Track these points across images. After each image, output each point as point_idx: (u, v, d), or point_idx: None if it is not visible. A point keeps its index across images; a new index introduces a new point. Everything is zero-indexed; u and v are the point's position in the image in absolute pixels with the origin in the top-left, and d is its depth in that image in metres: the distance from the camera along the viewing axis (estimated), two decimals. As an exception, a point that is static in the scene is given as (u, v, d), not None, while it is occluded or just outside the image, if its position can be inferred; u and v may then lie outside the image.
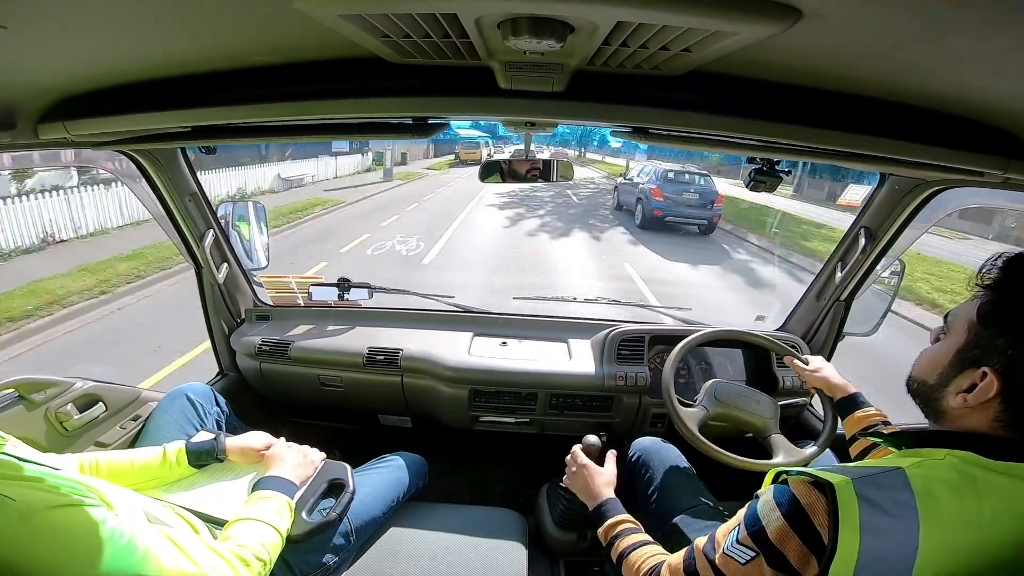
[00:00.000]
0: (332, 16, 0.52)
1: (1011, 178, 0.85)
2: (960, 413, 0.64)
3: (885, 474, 0.61)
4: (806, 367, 1.33)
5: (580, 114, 0.81)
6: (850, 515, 0.59)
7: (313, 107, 0.81)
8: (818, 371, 1.30)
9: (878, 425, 1.12)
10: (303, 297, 1.96)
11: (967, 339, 0.65)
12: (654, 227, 10.35)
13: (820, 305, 1.76)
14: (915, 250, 6.10)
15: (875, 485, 0.60)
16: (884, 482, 0.60)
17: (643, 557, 0.91)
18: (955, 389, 0.64)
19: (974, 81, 0.63)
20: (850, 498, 0.59)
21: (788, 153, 1.01)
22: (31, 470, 0.73)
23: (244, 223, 1.81)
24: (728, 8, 0.46)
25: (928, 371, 0.70)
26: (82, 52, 0.69)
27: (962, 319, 0.67)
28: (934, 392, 0.68)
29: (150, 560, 0.73)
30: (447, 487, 1.86)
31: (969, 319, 0.65)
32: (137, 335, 4.85)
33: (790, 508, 0.64)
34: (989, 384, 0.60)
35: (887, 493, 0.59)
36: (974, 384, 0.62)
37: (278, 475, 1.11)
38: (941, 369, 0.67)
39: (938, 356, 0.69)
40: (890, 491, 0.59)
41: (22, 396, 1.22)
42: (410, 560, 1.19)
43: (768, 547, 0.66)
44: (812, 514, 0.62)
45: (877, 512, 0.58)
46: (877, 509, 0.58)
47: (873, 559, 0.57)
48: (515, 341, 1.85)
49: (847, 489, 0.60)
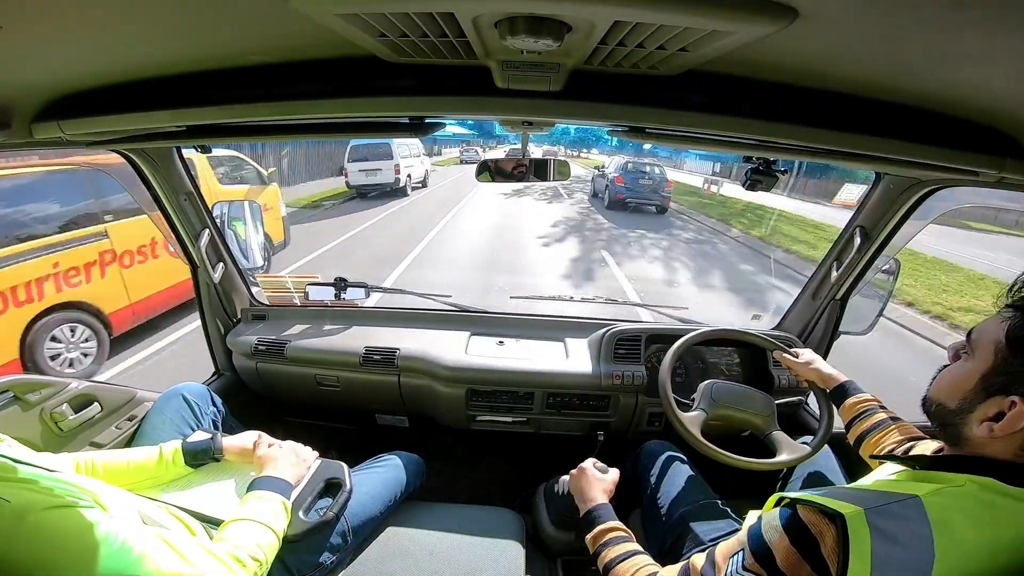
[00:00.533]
0: (329, 15, 0.52)
1: (1006, 178, 0.85)
2: (984, 441, 0.60)
3: (900, 503, 0.58)
4: (797, 360, 1.33)
5: (577, 113, 0.81)
6: (861, 547, 0.55)
7: (309, 106, 0.81)
8: (809, 363, 1.30)
9: (874, 410, 1.12)
10: (299, 296, 1.96)
11: (994, 364, 0.60)
12: (618, 208, 12.41)
13: (816, 304, 1.76)
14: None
15: (889, 515, 0.57)
16: (899, 512, 0.57)
17: (633, 568, 0.86)
18: (980, 416, 0.60)
19: (969, 81, 0.63)
20: (862, 529, 0.56)
21: (784, 152, 1.01)
22: (25, 472, 0.72)
23: (240, 222, 1.80)
24: (725, 8, 0.46)
25: (948, 395, 0.65)
26: (77, 51, 0.69)
27: (988, 340, 0.62)
28: (955, 417, 0.64)
29: (145, 562, 0.73)
30: (444, 486, 1.86)
31: (997, 341, 0.60)
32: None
33: (799, 535, 0.62)
34: (1019, 414, 0.56)
35: (902, 524, 0.56)
36: (1001, 412, 0.58)
37: (273, 475, 1.10)
38: (964, 394, 0.63)
39: (960, 379, 0.64)
40: (905, 522, 0.56)
41: (17, 396, 1.22)
42: (407, 560, 1.18)
43: (764, 553, 0.65)
44: (822, 543, 0.60)
45: (890, 545, 0.55)
46: (890, 542, 0.55)
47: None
48: (512, 340, 1.85)
49: (859, 520, 0.57)
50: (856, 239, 1.53)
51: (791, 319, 1.87)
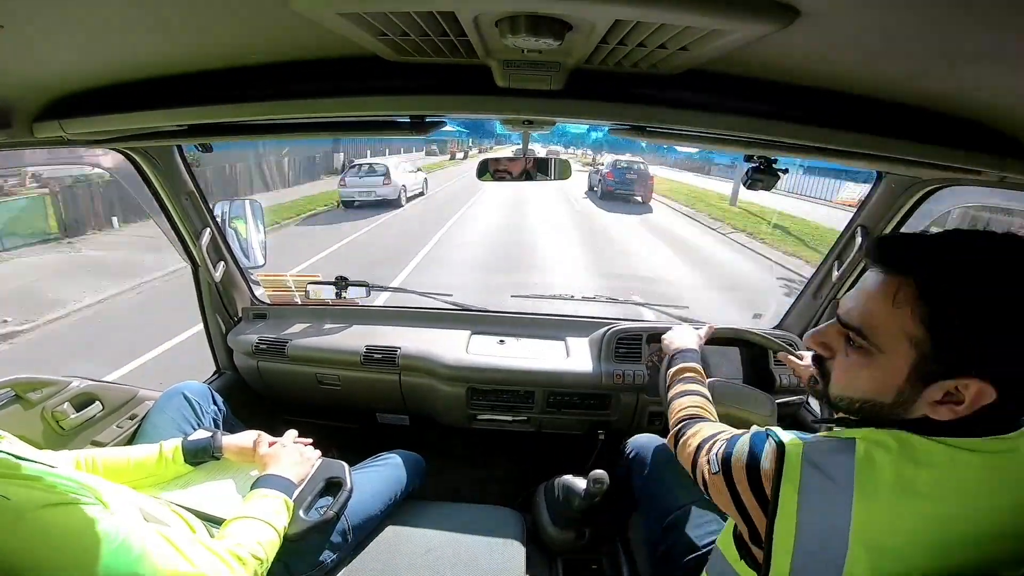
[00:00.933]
0: (330, 14, 0.52)
1: (1007, 177, 0.85)
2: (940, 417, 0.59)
3: (836, 441, 0.62)
4: (800, 362, 1.33)
5: (578, 112, 0.81)
6: (792, 473, 0.61)
7: (310, 105, 0.81)
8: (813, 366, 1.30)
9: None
10: (300, 295, 1.96)
11: (920, 354, 0.57)
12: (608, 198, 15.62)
13: (817, 303, 1.76)
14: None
15: (824, 450, 0.61)
16: (833, 447, 0.61)
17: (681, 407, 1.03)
18: (928, 400, 0.58)
19: (971, 80, 0.63)
20: (796, 458, 0.61)
21: (785, 151, 1.01)
22: (28, 468, 0.72)
23: (241, 221, 1.80)
24: (726, 7, 0.46)
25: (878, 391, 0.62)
26: (78, 51, 0.69)
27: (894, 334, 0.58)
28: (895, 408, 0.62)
29: (145, 559, 0.73)
30: (445, 485, 1.86)
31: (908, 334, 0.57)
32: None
33: (752, 458, 0.68)
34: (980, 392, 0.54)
35: (832, 457, 0.60)
36: (949, 393, 0.56)
37: (276, 474, 1.10)
38: (898, 387, 0.60)
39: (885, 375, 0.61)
40: (835, 456, 0.60)
41: (18, 395, 1.22)
42: (408, 558, 1.19)
43: (727, 472, 0.72)
44: (763, 472, 0.65)
45: (818, 474, 0.59)
46: (819, 472, 0.60)
47: (811, 520, 0.59)
48: (513, 339, 1.85)
49: (795, 451, 0.62)
50: (857, 238, 1.53)
51: (792, 318, 1.87)
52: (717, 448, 0.79)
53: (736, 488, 0.70)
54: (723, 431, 0.87)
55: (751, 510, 0.68)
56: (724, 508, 0.77)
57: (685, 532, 1.15)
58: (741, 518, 0.71)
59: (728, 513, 0.77)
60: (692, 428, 0.94)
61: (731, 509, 0.73)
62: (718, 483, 0.74)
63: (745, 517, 0.70)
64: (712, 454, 0.79)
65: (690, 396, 1.06)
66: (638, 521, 1.36)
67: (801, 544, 0.59)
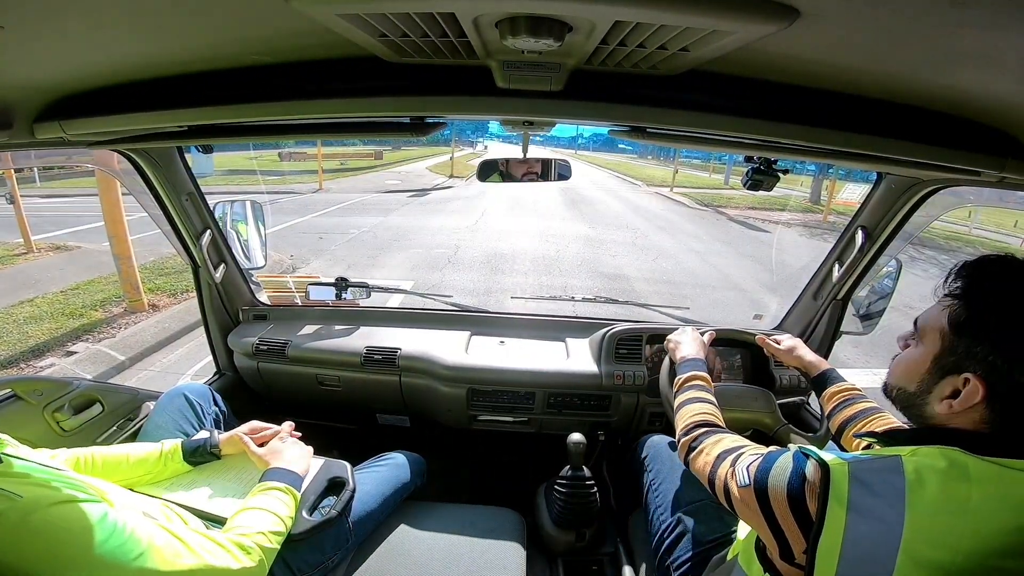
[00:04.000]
0: (330, 15, 0.52)
1: (1007, 177, 0.85)
2: (946, 418, 0.65)
3: (882, 459, 0.63)
4: (779, 346, 1.33)
5: (578, 113, 0.81)
6: (839, 491, 0.61)
7: (310, 106, 0.81)
8: (792, 350, 1.31)
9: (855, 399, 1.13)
10: (301, 296, 1.96)
11: (943, 347, 0.66)
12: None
13: (817, 304, 1.76)
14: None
15: (871, 469, 0.62)
16: (879, 466, 0.62)
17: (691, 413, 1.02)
18: (939, 395, 0.66)
19: (971, 81, 0.63)
20: (842, 476, 0.62)
21: (786, 152, 1.01)
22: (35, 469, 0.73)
23: (242, 222, 1.81)
24: (726, 7, 0.46)
25: (906, 379, 0.71)
26: (78, 51, 0.69)
27: (933, 327, 0.68)
28: (916, 399, 0.69)
29: (152, 552, 0.74)
30: (445, 486, 1.86)
31: (941, 328, 0.66)
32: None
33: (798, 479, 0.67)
34: (974, 390, 0.61)
35: (880, 476, 0.61)
36: (957, 390, 0.63)
37: (283, 467, 1.11)
38: (920, 377, 0.68)
39: (914, 364, 0.70)
40: (883, 474, 0.61)
41: (19, 396, 1.22)
42: (408, 559, 1.19)
43: (762, 491, 0.70)
44: (808, 493, 0.65)
45: (867, 492, 0.60)
46: (867, 490, 0.60)
47: (859, 537, 0.59)
48: (513, 340, 1.85)
49: (841, 469, 0.63)
50: (858, 239, 1.52)
51: (792, 319, 1.87)
52: (747, 461, 0.77)
53: (771, 505, 0.69)
54: (747, 445, 0.86)
55: (787, 528, 0.68)
56: (748, 522, 0.76)
57: (690, 529, 1.15)
58: (772, 534, 0.70)
59: (753, 527, 0.76)
60: (710, 438, 0.93)
61: (760, 524, 0.72)
62: (747, 497, 0.73)
63: (777, 534, 0.69)
64: (739, 467, 0.77)
65: (700, 403, 1.05)
66: (640, 519, 1.36)
67: (846, 560, 0.59)
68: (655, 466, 1.35)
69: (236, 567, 0.83)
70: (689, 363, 1.21)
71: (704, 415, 1.01)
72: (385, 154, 25.62)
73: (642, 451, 1.43)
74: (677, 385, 1.16)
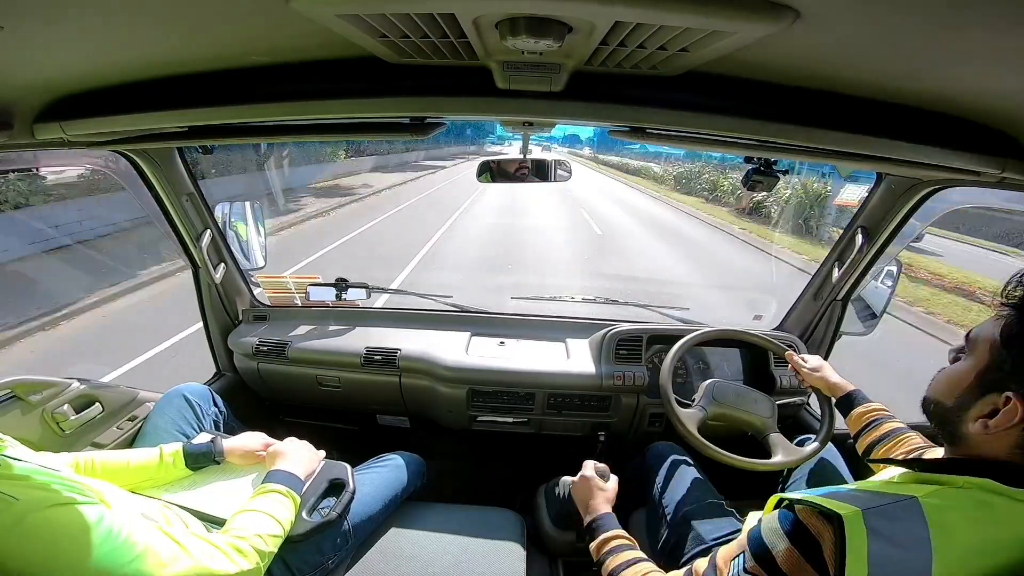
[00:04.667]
0: (330, 16, 0.52)
1: (1007, 178, 0.85)
2: (980, 439, 0.61)
3: (897, 504, 0.59)
4: (804, 365, 1.33)
5: (578, 114, 0.81)
6: (858, 548, 0.56)
7: (310, 107, 0.81)
8: (817, 370, 1.30)
9: (882, 420, 1.11)
10: (300, 297, 1.96)
11: (989, 361, 0.61)
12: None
13: (817, 304, 1.76)
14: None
15: (886, 516, 0.58)
16: (896, 513, 0.58)
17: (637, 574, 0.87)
18: (976, 414, 0.61)
19: (971, 81, 0.63)
20: (859, 530, 0.57)
21: (785, 153, 1.01)
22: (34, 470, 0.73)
23: (241, 223, 1.81)
24: (726, 8, 0.46)
25: (946, 393, 0.66)
26: (78, 52, 0.69)
27: (985, 339, 0.62)
28: (953, 415, 0.64)
29: (148, 556, 0.74)
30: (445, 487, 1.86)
31: (992, 340, 0.61)
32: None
33: (799, 537, 0.62)
34: (1013, 410, 0.56)
35: (899, 525, 0.56)
36: (996, 409, 0.59)
37: (285, 469, 1.11)
38: (960, 392, 0.64)
39: (957, 378, 0.65)
40: (902, 523, 0.56)
41: (18, 397, 1.22)
42: (408, 560, 1.18)
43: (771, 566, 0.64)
44: (821, 543, 0.60)
45: (887, 545, 0.55)
46: (887, 542, 0.56)
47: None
48: (513, 341, 1.85)
49: (856, 521, 0.57)
50: (858, 239, 1.53)
51: (793, 319, 1.87)
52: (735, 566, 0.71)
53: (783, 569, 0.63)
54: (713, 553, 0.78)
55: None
56: None
57: (694, 527, 1.15)
58: None
59: None
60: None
61: None
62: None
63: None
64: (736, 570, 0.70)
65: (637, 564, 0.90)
66: (640, 518, 1.36)
67: None
68: (661, 472, 1.36)
69: (233, 571, 0.82)
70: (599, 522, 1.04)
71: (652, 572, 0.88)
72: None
73: (651, 459, 1.43)
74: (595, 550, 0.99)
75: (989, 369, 0.61)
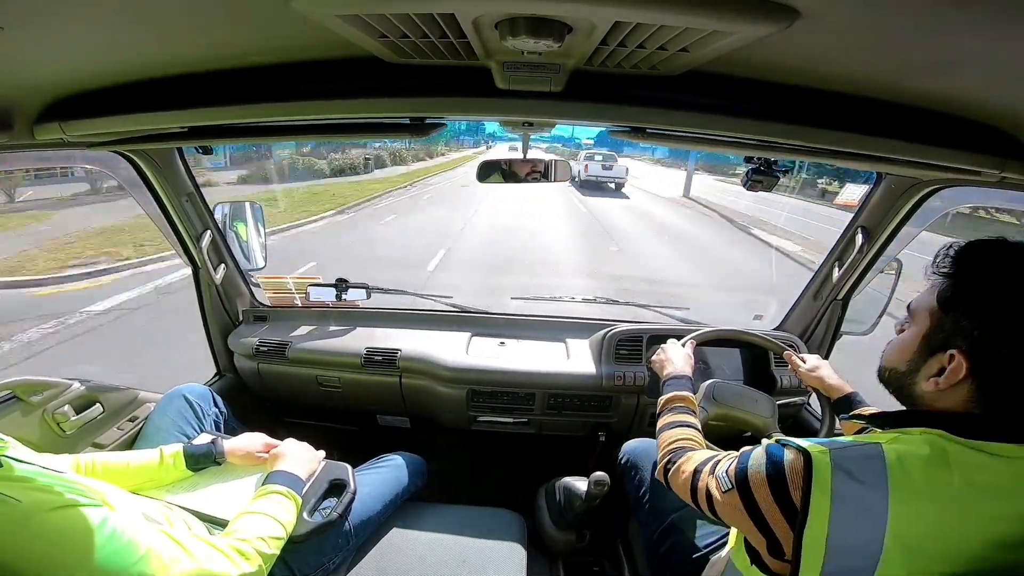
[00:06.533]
0: (330, 16, 0.52)
1: (1007, 177, 0.85)
2: (933, 396, 0.66)
3: (862, 447, 0.64)
4: (803, 365, 1.33)
5: (578, 114, 0.81)
6: (823, 481, 0.61)
7: (310, 107, 0.81)
8: (815, 370, 1.30)
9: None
10: (301, 297, 1.96)
11: (931, 325, 0.67)
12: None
13: (817, 304, 1.76)
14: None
15: (850, 456, 0.63)
16: (859, 455, 0.63)
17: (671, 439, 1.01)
18: (926, 374, 0.66)
19: (971, 81, 0.63)
20: (825, 465, 0.62)
21: (785, 152, 1.01)
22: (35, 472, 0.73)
23: (241, 223, 1.81)
24: (726, 8, 0.46)
25: (897, 359, 0.72)
26: (78, 52, 0.69)
27: (923, 307, 0.69)
28: (906, 379, 0.70)
29: (151, 558, 0.74)
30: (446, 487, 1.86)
31: (930, 306, 0.67)
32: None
33: (775, 469, 0.68)
34: (958, 365, 0.61)
35: (861, 463, 0.62)
36: (943, 367, 0.64)
37: (286, 470, 1.11)
38: (910, 356, 0.69)
39: (905, 344, 0.71)
40: (864, 461, 0.62)
41: (19, 398, 1.22)
42: (408, 560, 1.18)
43: (744, 487, 0.72)
44: (788, 473, 0.66)
45: (850, 481, 0.61)
46: (850, 478, 0.61)
47: (844, 526, 0.60)
48: (513, 341, 1.85)
49: (823, 458, 0.63)
50: (858, 239, 1.52)
51: (793, 319, 1.87)
52: (725, 466, 0.78)
53: (756, 502, 0.70)
54: (719, 453, 0.87)
55: (773, 523, 0.68)
56: (737, 525, 0.76)
57: (684, 534, 1.14)
58: (760, 532, 0.70)
59: (742, 530, 0.76)
60: (683, 456, 0.94)
61: (747, 525, 0.72)
62: (732, 500, 0.74)
63: (765, 530, 0.70)
64: (720, 472, 0.79)
65: (680, 428, 1.04)
66: (636, 524, 1.35)
67: (833, 550, 0.60)
68: (638, 471, 1.34)
69: (235, 573, 0.82)
70: (674, 381, 1.20)
71: (683, 439, 1.00)
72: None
73: (623, 457, 1.42)
74: (660, 404, 1.15)
75: (932, 332, 0.67)
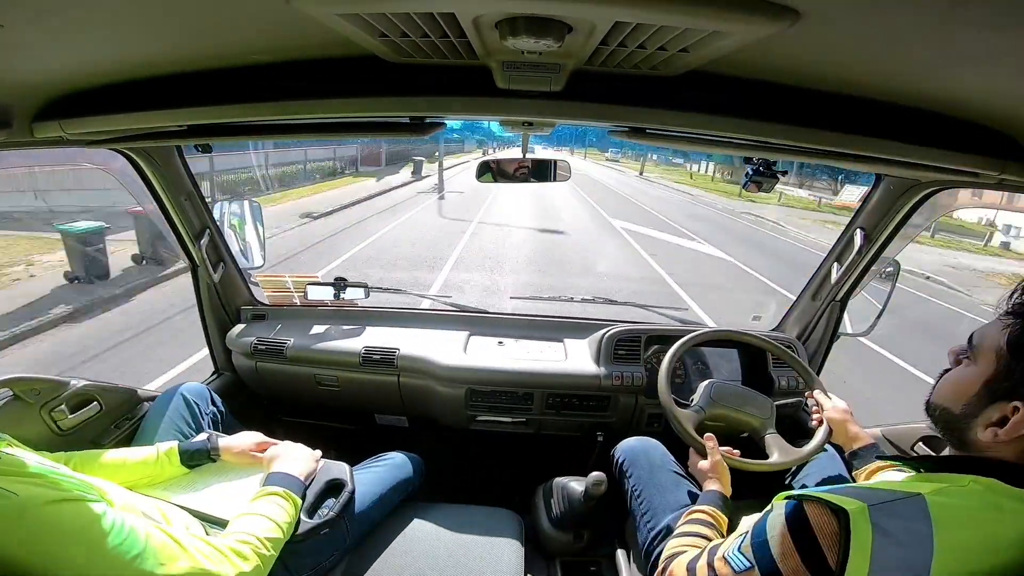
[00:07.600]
0: (330, 15, 0.52)
1: (1006, 179, 0.85)
2: (989, 445, 0.61)
3: (903, 502, 0.59)
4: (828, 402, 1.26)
5: (578, 114, 0.81)
6: (862, 543, 0.57)
7: (310, 106, 0.81)
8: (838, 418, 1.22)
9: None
10: (299, 296, 1.96)
11: (996, 370, 0.61)
12: None
13: (816, 305, 1.76)
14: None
15: (891, 513, 0.58)
16: (901, 510, 0.58)
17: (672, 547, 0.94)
18: (984, 421, 0.61)
19: (970, 83, 0.63)
20: (864, 526, 0.57)
21: (785, 153, 1.01)
22: (33, 467, 0.73)
23: (240, 222, 1.80)
24: (726, 9, 0.46)
25: (952, 400, 0.66)
26: (78, 50, 0.69)
27: (990, 347, 0.62)
28: (959, 422, 0.65)
29: (149, 553, 0.74)
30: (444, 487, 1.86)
31: (998, 348, 0.61)
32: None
33: (797, 526, 0.63)
34: (1022, 419, 0.57)
35: (903, 523, 0.57)
36: (1005, 417, 0.59)
37: (284, 471, 1.11)
38: (968, 399, 0.64)
39: (964, 384, 0.65)
40: (906, 520, 0.57)
41: (16, 395, 1.21)
42: (406, 559, 1.18)
43: (767, 560, 0.66)
44: (819, 535, 0.61)
45: (890, 542, 0.56)
46: (890, 539, 0.56)
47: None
48: (512, 341, 1.85)
49: (862, 516, 0.58)
50: (856, 240, 1.53)
51: (791, 320, 1.87)
52: (732, 546, 0.73)
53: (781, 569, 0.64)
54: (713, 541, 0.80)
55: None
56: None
57: None
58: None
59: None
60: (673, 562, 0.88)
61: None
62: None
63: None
64: (728, 554, 0.72)
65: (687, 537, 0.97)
66: (631, 524, 1.36)
67: None
68: (634, 472, 1.34)
69: (233, 573, 0.82)
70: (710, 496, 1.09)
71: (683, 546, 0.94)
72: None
73: (618, 457, 1.41)
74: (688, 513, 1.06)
75: (997, 378, 0.61)
